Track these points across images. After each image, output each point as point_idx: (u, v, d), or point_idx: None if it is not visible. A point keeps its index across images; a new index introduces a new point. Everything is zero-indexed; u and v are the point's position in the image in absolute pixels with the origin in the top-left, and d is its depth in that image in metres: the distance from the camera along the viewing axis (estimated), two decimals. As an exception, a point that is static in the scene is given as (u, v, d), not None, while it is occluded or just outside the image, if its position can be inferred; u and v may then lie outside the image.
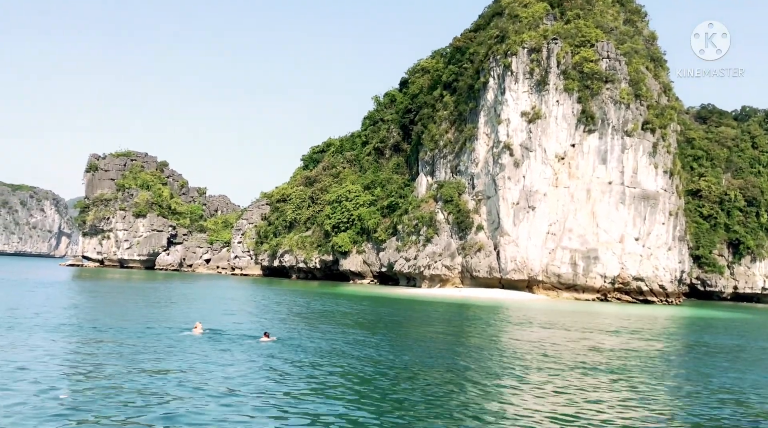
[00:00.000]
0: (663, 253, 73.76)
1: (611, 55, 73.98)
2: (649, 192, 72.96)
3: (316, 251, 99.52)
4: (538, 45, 74.29)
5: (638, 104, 73.46)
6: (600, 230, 71.73)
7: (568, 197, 72.22)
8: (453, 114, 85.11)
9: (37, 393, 13.04)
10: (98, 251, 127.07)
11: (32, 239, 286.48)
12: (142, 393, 13.48)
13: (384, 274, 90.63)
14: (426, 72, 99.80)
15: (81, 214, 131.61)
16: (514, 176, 72.68)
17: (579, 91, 72.44)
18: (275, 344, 22.19)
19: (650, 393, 16.62)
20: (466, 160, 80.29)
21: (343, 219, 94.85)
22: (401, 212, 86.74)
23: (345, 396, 14.24)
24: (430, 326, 33.54)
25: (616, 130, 72.38)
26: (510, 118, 74.06)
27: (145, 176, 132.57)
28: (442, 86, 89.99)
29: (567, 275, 71.12)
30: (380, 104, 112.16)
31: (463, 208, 77.46)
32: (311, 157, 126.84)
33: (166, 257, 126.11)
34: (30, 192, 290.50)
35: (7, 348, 18.51)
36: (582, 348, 25.57)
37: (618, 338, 30.88)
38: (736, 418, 14.07)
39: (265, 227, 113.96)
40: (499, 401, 14.50)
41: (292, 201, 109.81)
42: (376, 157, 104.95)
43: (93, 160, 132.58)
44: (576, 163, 72.62)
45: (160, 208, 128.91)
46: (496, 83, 76.79)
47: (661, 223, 73.58)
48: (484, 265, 73.44)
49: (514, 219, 72.41)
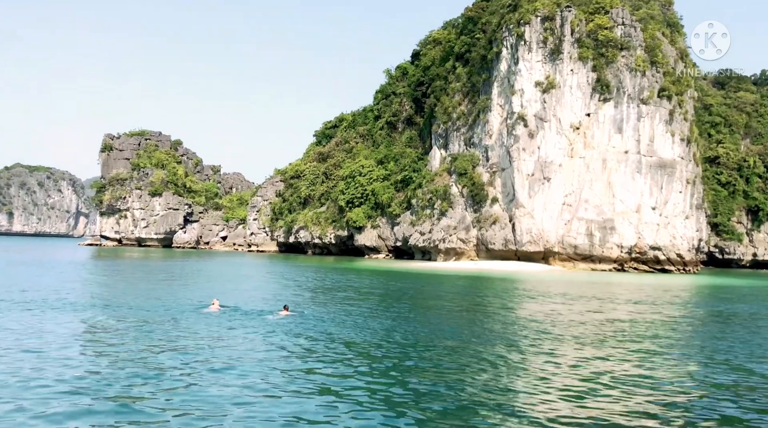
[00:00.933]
0: (680, 222, 73.14)
1: (626, 22, 72.60)
2: (665, 160, 72.10)
3: (330, 227, 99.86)
4: (551, 13, 73.05)
5: (654, 71, 72.23)
6: (616, 200, 71.16)
7: (583, 167, 71.57)
8: (466, 85, 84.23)
9: (55, 372, 13.24)
10: (116, 230, 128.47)
11: (51, 219, 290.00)
12: (158, 370, 13.65)
13: (399, 249, 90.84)
14: (438, 43, 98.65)
15: (98, 194, 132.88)
16: (529, 147, 72.06)
17: (594, 60, 71.31)
18: (294, 318, 22.35)
19: (671, 364, 16.57)
20: (479, 132, 79.65)
21: (357, 194, 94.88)
22: (415, 186, 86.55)
23: (363, 370, 14.33)
24: (446, 299, 33.62)
25: (632, 98, 71.34)
26: (524, 88, 73.19)
27: (159, 155, 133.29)
28: (454, 58, 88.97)
29: (583, 246, 70.81)
30: (392, 77, 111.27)
31: (478, 181, 77.08)
32: (324, 132, 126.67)
33: (182, 235, 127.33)
34: (47, 173, 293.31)
35: (26, 328, 18.80)
36: (600, 318, 25.52)
37: (636, 308, 30.77)
38: (759, 389, 14.00)
39: (280, 204, 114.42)
40: (517, 374, 14.53)
41: (306, 177, 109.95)
42: (388, 131, 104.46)
43: (107, 139, 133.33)
44: (591, 133, 71.81)
45: (176, 186, 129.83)
46: (509, 53, 75.76)
47: (678, 192, 72.82)
48: (499, 238, 73.29)
49: (529, 190, 71.98)
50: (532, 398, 12.25)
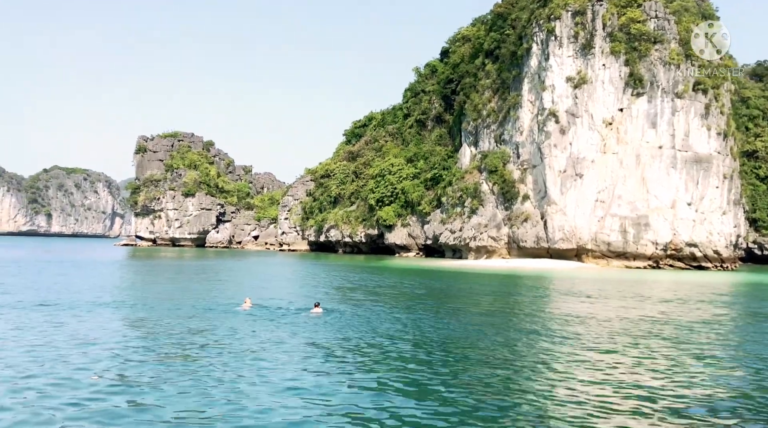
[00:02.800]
0: (717, 218, 71.53)
1: (659, 15, 71.23)
2: (701, 155, 70.57)
3: (361, 225, 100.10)
4: (582, 7, 72.06)
5: (689, 64, 70.74)
6: (650, 196, 69.90)
7: (616, 163, 70.47)
8: (496, 82, 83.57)
9: (96, 370, 13.50)
10: (150, 230, 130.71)
11: (87, 220, 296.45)
12: (190, 367, 13.82)
13: (429, 247, 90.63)
14: (467, 40, 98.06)
15: (132, 195, 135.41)
16: (561, 143, 71.22)
17: (626, 54, 70.14)
18: (325, 316, 22.47)
19: (712, 366, 16.22)
20: (510, 128, 78.97)
21: (386, 192, 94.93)
22: (445, 184, 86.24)
23: (395, 367, 14.32)
24: (478, 298, 33.41)
25: (666, 92, 69.98)
26: (555, 84, 72.33)
27: (192, 156, 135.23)
28: (483, 54, 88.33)
29: (617, 243, 69.74)
30: (421, 75, 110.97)
31: (508, 178, 76.43)
32: (353, 131, 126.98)
33: (215, 235, 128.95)
34: (83, 174, 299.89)
35: (62, 327, 19.20)
36: (637, 318, 25.10)
37: (674, 307, 30.18)
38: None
39: (311, 203, 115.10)
40: (550, 375, 14.37)
41: (336, 176, 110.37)
42: (418, 130, 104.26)
43: (141, 141, 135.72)
44: (624, 128, 70.65)
45: (208, 186, 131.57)
46: (539, 49, 74.94)
47: (714, 187, 71.22)
48: (531, 235, 72.60)
49: (561, 187, 71.14)
50: (564, 406, 12.11)
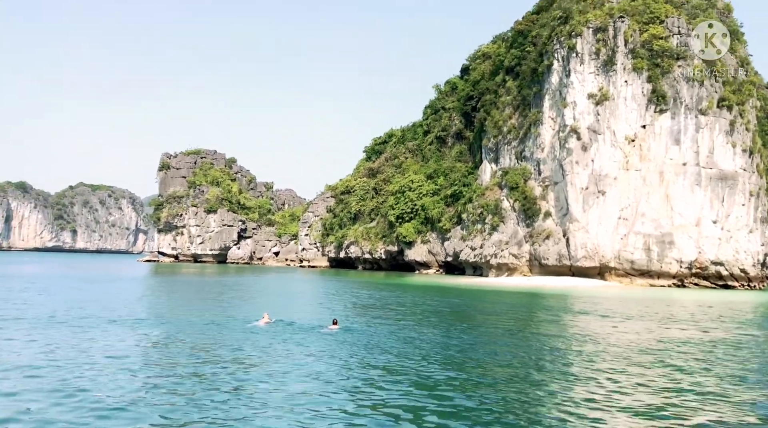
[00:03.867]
0: (744, 236, 70.21)
1: (682, 31, 70.68)
2: (726, 172, 69.51)
3: (380, 242, 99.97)
4: (603, 24, 71.79)
5: (713, 81, 69.97)
6: (675, 213, 68.89)
7: (639, 180, 69.65)
8: (516, 99, 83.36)
9: (108, 387, 13.47)
10: (173, 247, 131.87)
11: (112, 237, 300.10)
12: (208, 382, 13.75)
13: (449, 264, 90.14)
14: (487, 57, 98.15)
15: (156, 212, 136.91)
16: (582, 160, 70.65)
17: (649, 70, 69.61)
18: (343, 333, 22.34)
19: (740, 392, 15.77)
20: (531, 145, 78.57)
21: (406, 209, 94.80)
22: (465, 200, 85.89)
23: (412, 387, 14.11)
24: (499, 317, 33.01)
25: (690, 108, 69.22)
26: (576, 100, 71.94)
27: (214, 173, 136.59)
28: (504, 71, 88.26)
29: (640, 261, 68.71)
30: (441, 92, 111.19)
31: (530, 195, 75.89)
32: (374, 148, 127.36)
33: (236, 251, 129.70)
34: (108, 191, 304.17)
35: (86, 341, 19.27)
36: (663, 340, 24.57)
37: (701, 328, 29.52)
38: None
39: (331, 219, 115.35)
40: (570, 402, 14.05)
41: (356, 192, 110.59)
42: (438, 146, 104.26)
43: (165, 158, 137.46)
44: (647, 145, 69.90)
45: (230, 203, 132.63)
46: (560, 65, 74.69)
47: (740, 205, 70.02)
48: (553, 253, 71.86)
49: (583, 204, 70.44)
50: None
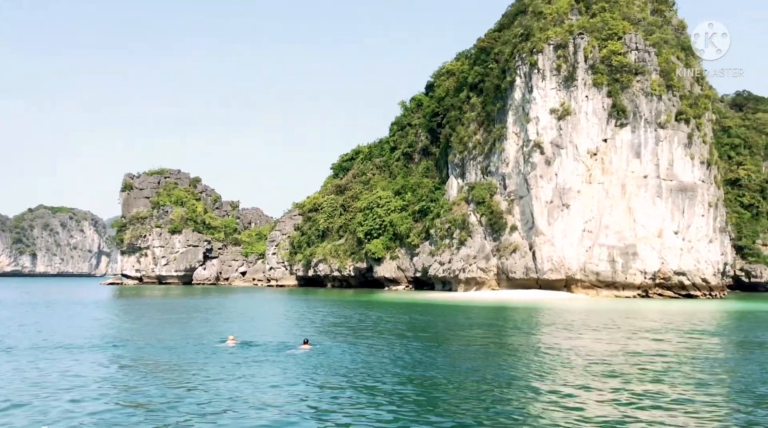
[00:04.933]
0: (704, 246, 71.86)
1: (640, 47, 72.57)
2: (686, 184, 71.22)
3: (349, 259, 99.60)
4: (564, 41, 73.28)
5: (670, 95, 71.87)
6: (637, 225, 70.22)
7: (602, 193, 70.91)
8: (481, 115, 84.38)
9: (73, 413, 13.05)
10: (137, 269, 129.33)
11: (73, 259, 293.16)
12: (174, 407, 13.39)
13: (419, 279, 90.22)
14: (451, 74, 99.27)
15: (118, 233, 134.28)
16: (546, 174, 71.67)
17: (608, 85, 71.18)
18: (312, 353, 22.07)
19: (705, 401, 15.97)
20: (496, 160, 79.47)
21: (375, 225, 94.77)
22: (433, 216, 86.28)
23: (384, 405, 13.94)
24: (468, 332, 33.03)
25: (649, 122, 70.90)
26: (539, 115, 73.11)
27: (178, 193, 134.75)
28: (468, 88, 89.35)
29: (605, 273, 69.74)
30: (407, 109, 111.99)
31: (496, 209, 76.61)
32: (341, 165, 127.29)
33: (202, 272, 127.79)
34: (69, 213, 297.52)
35: (45, 369, 18.66)
36: (627, 350, 24.85)
37: (664, 338, 29.97)
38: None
39: (299, 237, 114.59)
40: (543, 413, 14.06)
41: (324, 210, 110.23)
42: (405, 162, 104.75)
43: (128, 179, 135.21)
44: (609, 158, 71.30)
45: (195, 223, 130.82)
46: (522, 82, 75.92)
47: (700, 215, 71.72)
48: (520, 266, 72.48)
49: (548, 218, 71.35)
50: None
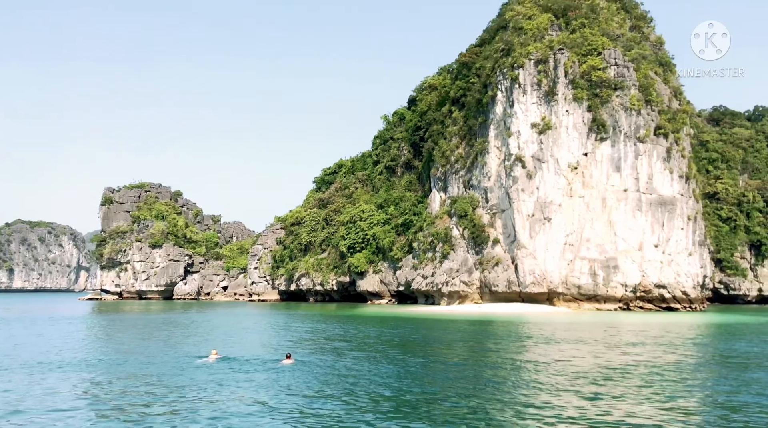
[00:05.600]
0: (684, 259, 72.57)
1: (619, 62, 73.57)
2: (665, 197, 72.03)
3: (332, 273, 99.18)
4: (544, 56, 74.10)
5: (649, 110, 72.84)
6: (618, 238, 70.78)
7: (583, 207, 71.45)
8: (463, 129, 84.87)
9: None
10: (116, 283, 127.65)
11: (51, 275, 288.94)
12: (157, 425, 13.14)
13: (402, 293, 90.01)
14: (434, 89, 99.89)
15: (98, 248, 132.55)
16: (528, 188, 72.11)
17: (588, 100, 72.00)
18: (295, 367, 21.86)
19: (685, 412, 16.01)
20: (478, 174, 79.88)
21: (357, 239, 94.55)
22: (416, 229, 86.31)
23: (367, 419, 13.79)
24: (450, 346, 32.95)
25: (629, 136, 71.73)
26: (520, 130, 73.69)
27: (159, 207, 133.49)
28: (450, 102, 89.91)
29: (587, 286, 70.12)
30: (390, 123, 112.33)
31: (478, 223, 76.87)
32: (323, 178, 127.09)
33: (183, 286, 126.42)
34: (48, 228, 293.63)
35: (24, 387, 18.26)
36: (608, 363, 24.91)
37: (644, 350, 30.11)
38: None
39: (281, 251, 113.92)
40: (521, 425, 13.99)
41: (307, 224, 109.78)
42: (388, 176, 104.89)
43: (107, 193, 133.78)
44: (590, 172, 71.95)
45: (176, 237, 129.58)
46: (504, 96, 76.56)
47: (680, 229, 72.47)
48: (502, 279, 72.64)
49: (530, 231, 71.69)
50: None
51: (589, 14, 79.17)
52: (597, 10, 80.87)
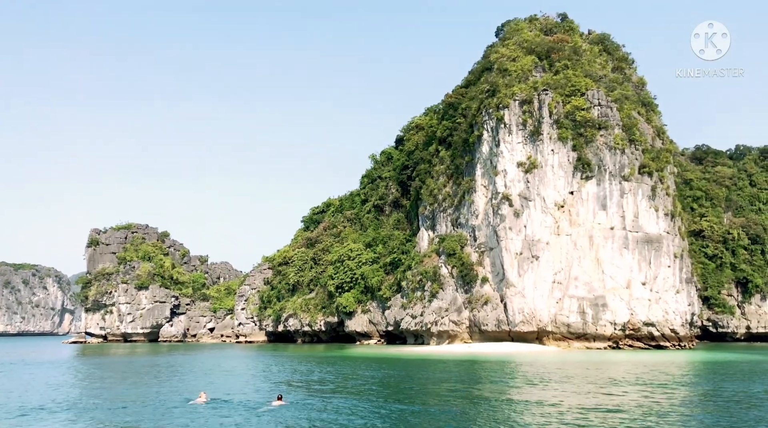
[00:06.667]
0: (671, 296, 72.70)
1: (602, 102, 74.90)
2: (651, 235, 72.53)
3: (320, 313, 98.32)
4: (529, 96, 75.35)
5: (633, 149, 73.90)
6: (606, 276, 70.92)
7: (570, 245, 71.74)
8: (450, 168, 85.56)
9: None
10: (101, 326, 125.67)
11: (35, 318, 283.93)
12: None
13: (391, 333, 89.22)
14: (420, 129, 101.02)
15: (83, 290, 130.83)
16: (515, 226, 72.44)
17: (573, 139, 72.99)
18: (287, 408, 21.53)
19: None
20: (465, 212, 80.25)
21: (346, 278, 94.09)
22: (404, 268, 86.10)
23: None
24: (440, 388, 32.59)
25: (614, 175, 72.56)
26: (506, 169, 74.39)
27: (146, 248, 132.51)
28: (437, 142, 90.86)
29: (576, 324, 69.91)
30: (377, 162, 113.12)
31: (467, 261, 76.88)
32: (311, 217, 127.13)
33: (169, 328, 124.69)
34: (32, 270, 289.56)
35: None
36: (597, 404, 24.71)
37: (634, 391, 29.92)
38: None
39: (268, 291, 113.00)
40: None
41: (294, 263, 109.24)
42: (376, 215, 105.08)
43: (94, 234, 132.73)
44: (576, 210, 72.48)
45: (162, 278, 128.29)
46: (490, 136, 77.49)
47: (666, 266, 72.78)
48: (491, 318, 72.32)
49: (518, 269, 71.72)
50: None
51: (572, 56, 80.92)
52: (579, 52, 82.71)
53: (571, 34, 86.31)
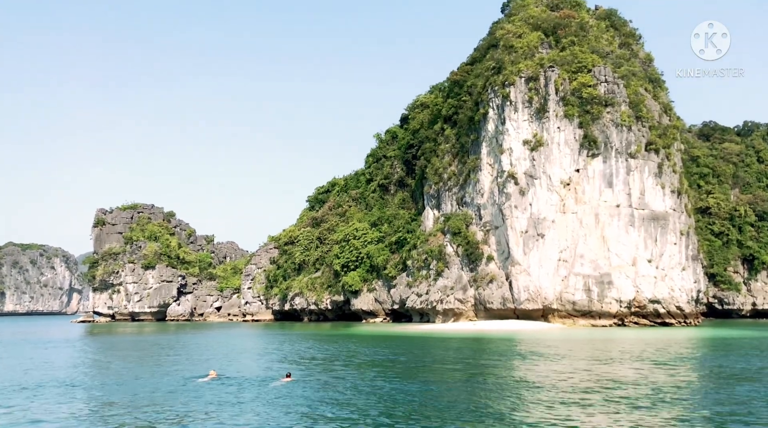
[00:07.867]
0: (677, 274, 72.72)
1: (609, 79, 74.23)
2: (658, 212, 72.32)
3: (326, 292, 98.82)
4: (535, 73, 74.70)
5: (640, 126, 73.40)
6: (611, 254, 70.89)
7: (576, 223, 71.63)
8: (455, 146, 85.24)
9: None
10: (109, 306, 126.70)
11: (43, 297, 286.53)
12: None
13: (396, 311, 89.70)
14: (425, 107, 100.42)
15: (90, 270, 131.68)
16: (521, 204, 72.32)
17: (579, 116, 72.50)
18: (295, 385, 21.81)
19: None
20: (471, 191, 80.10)
21: (351, 257, 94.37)
22: (410, 247, 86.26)
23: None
24: (446, 365, 32.79)
25: (620, 152, 72.17)
26: (512, 147, 74.05)
27: (152, 227, 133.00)
28: (442, 120, 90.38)
29: (582, 302, 70.06)
30: (382, 141, 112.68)
31: (472, 240, 76.91)
32: (317, 197, 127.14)
33: (176, 307, 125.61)
34: (39, 250, 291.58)
35: (19, 411, 18.03)
36: (603, 380, 24.84)
37: (640, 367, 30.04)
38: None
39: (275, 271, 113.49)
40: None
41: (300, 242, 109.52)
42: (381, 194, 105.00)
43: (100, 214, 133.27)
44: (582, 188, 72.25)
45: (169, 258, 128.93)
46: (495, 114, 77.03)
47: (672, 243, 72.70)
48: (497, 297, 72.54)
49: (524, 247, 71.75)
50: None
51: (579, 32, 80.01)
52: (586, 28, 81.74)
53: (578, 9, 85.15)
